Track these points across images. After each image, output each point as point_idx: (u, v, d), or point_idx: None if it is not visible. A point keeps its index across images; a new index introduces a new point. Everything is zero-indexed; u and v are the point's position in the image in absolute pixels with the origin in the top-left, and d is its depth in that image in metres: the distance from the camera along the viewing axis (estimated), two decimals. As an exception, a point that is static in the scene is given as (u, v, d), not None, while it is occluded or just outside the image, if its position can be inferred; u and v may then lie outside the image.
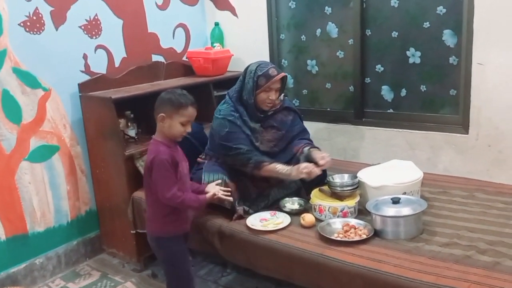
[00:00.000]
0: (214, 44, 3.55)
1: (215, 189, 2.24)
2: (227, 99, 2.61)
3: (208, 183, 2.41)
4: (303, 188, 2.55)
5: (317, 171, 2.33)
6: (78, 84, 2.87)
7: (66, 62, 2.84)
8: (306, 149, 2.56)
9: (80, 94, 2.89)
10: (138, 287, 2.72)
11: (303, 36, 3.40)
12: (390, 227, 2.05)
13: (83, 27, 2.91)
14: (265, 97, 2.50)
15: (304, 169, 2.33)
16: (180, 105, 2.06)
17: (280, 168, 2.40)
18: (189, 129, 2.10)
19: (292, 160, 2.56)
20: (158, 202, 2.07)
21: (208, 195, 2.19)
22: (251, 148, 2.47)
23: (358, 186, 2.34)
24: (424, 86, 2.96)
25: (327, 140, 3.29)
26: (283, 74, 2.51)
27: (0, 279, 2.63)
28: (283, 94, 2.69)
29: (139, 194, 2.79)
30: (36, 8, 2.67)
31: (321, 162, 2.40)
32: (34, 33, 2.68)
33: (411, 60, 2.97)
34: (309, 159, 2.47)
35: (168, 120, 2.06)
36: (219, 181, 2.36)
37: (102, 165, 2.92)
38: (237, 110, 2.53)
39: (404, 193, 2.23)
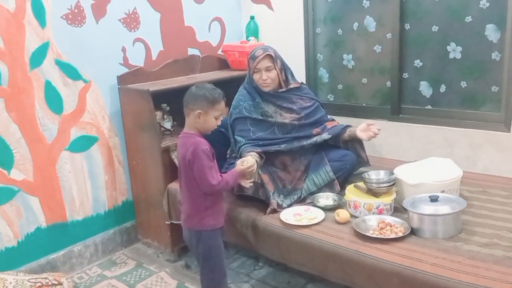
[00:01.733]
0: (249, 38, 3.55)
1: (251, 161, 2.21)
2: (241, 86, 2.74)
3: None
4: (336, 181, 2.54)
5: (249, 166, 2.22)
6: (117, 77, 2.93)
7: (106, 55, 2.90)
8: (350, 130, 2.62)
9: (119, 86, 2.95)
10: (172, 277, 2.76)
11: (340, 30, 3.36)
12: (428, 225, 2.01)
13: (122, 20, 2.96)
14: (257, 78, 2.60)
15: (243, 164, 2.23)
16: (215, 100, 2.10)
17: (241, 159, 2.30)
18: (219, 122, 2.16)
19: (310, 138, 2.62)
20: (199, 196, 2.09)
21: (238, 167, 2.16)
22: (246, 140, 2.55)
23: (394, 183, 2.31)
24: (464, 82, 2.89)
25: (362, 135, 3.24)
26: (266, 53, 2.57)
27: (40, 264, 2.72)
28: (301, 83, 2.74)
29: (174, 186, 2.83)
30: (78, 1, 2.73)
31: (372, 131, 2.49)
32: (76, 25, 2.75)
33: (451, 55, 2.89)
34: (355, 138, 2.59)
35: (204, 115, 2.09)
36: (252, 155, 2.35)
37: (139, 157, 2.97)
38: (250, 94, 2.65)
39: (443, 191, 2.18)
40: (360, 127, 2.58)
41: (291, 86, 2.67)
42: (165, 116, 3.06)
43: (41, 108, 2.65)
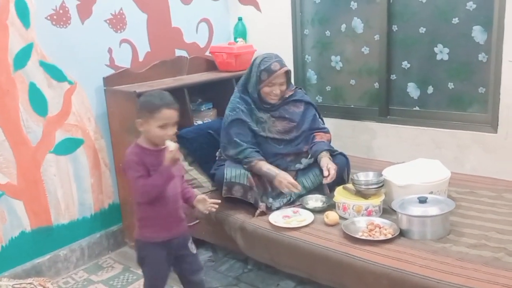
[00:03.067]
0: (237, 39, 3.53)
1: (205, 204, 2.11)
2: (235, 90, 2.67)
3: (231, 178, 2.41)
4: (326, 185, 2.52)
5: (295, 191, 2.35)
6: (103, 78, 2.89)
7: (92, 56, 2.86)
8: (319, 154, 2.52)
9: (105, 88, 2.91)
10: (160, 281, 2.72)
11: (328, 31, 3.36)
12: (417, 227, 2.01)
13: (108, 21, 2.92)
14: (268, 91, 2.53)
15: (286, 185, 2.32)
16: (154, 109, 1.90)
17: (266, 169, 2.40)
18: (171, 132, 1.94)
19: (301, 156, 2.60)
20: (135, 204, 2.02)
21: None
22: (248, 144, 2.49)
23: (383, 184, 2.31)
24: (452, 84, 2.90)
25: (350, 137, 3.25)
26: (285, 68, 2.51)
27: (25, 269, 2.67)
28: (295, 87, 2.69)
29: (162, 189, 2.80)
30: (63, 1, 2.69)
31: (325, 173, 2.39)
32: (61, 26, 2.70)
33: (438, 57, 2.91)
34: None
35: (144, 125, 1.93)
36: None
37: (126, 159, 2.93)
38: (245, 100, 2.57)
39: (431, 193, 2.18)
40: (323, 163, 2.46)
41: (287, 96, 2.63)
42: (152, 118, 3.02)
43: (25, 110, 2.60)
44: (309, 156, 2.58)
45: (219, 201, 2.16)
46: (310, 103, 2.73)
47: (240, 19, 3.61)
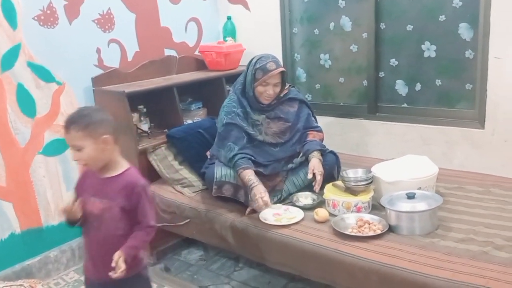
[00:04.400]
0: (227, 38, 3.54)
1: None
2: (231, 92, 2.65)
3: (221, 177, 2.41)
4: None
5: (263, 209, 2.28)
6: (92, 78, 2.88)
7: (80, 56, 2.85)
8: (310, 154, 2.52)
9: (94, 88, 2.89)
10: (151, 281, 2.71)
11: (316, 30, 3.37)
12: (405, 222, 2.03)
13: (96, 21, 2.91)
14: (262, 90, 2.50)
15: (257, 201, 2.26)
16: None
17: (247, 179, 2.35)
18: (75, 158, 1.73)
19: (294, 156, 2.60)
20: None
21: None
22: (241, 150, 2.45)
23: (372, 181, 2.32)
24: (439, 81, 2.93)
25: (340, 135, 3.26)
26: (280, 69, 2.49)
27: (15, 271, 2.65)
28: (289, 85, 2.69)
29: (152, 188, 2.79)
30: (50, 2, 2.68)
31: (309, 175, 2.40)
32: (48, 27, 2.69)
33: (426, 54, 2.93)
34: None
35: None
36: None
37: (115, 159, 2.92)
38: (241, 103, 2.55)
39: (419, 188, 2.20)
40: (310, 165, 2.47)
41: (281, 94, 2.61)
42: (141, 118, 3.02)
43: (13, 111, 2.58)
44: (301, 154, 2.59)
45: None
46: (304, 101, 2.73)
47: (229, 18, 3.61)
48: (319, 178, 2.39)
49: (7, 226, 2.62)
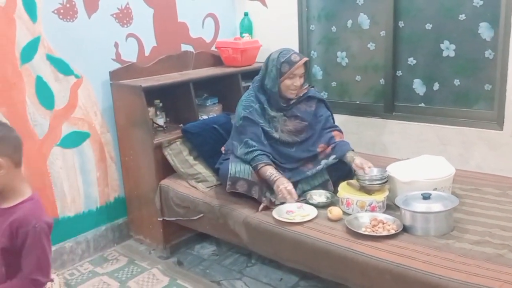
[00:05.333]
0: (243, 35, 3.54)
1: None
2: (250, 88, 2.66)
3: (236, 173, 2.42)
4: (330, 181, 2.53)
5: (291, 201, 2.31)
6: (109, 72, 2.91)
7: (98, 50, 2.87)
8: (346, 155, 2.49)
9: (111, 82, 2.92)
10: (164, 274, 2.75)
11: (334, 27, 3.35)
12: (420, 223, 2.01)
13: (114, 16, 2.94)
14: (289, 83, 2.50)
15: (282, 192, 2.29)
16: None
17: (269, 173, 2.38)
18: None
19: (315, 162, 2.57)
20: None
21: None
22: (259, 146, 2.46)
23: (387, 180, 2.31)
24: (457, 80, 2.89)
25: (355, 133, 3.25)
26: (305, 59, 2.51)
27: (31, 261, 2.69)
28: (308, 85, 2.68)
29: (167, 182, 2.82)
30: (70, -4, 2.71)
31: (363, 172, 2.35)
32: (67, 20, 2.72)
33: (445, 53, 2.90)
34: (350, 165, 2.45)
35: None
36: None
37: (131, 153, 2.96)
38: (259, 99, 2.56)
39: (435, 189, 2.18)
40: (357, 162, 2.42)
41: (301, 94, 2.61)
42: (157, 112, 3.04)
43: (32, 103, 2.62)
44: (333, 156, 2.52)
45: None
46: (323, 100, 2.72)
47: (246, 14, 3.61)
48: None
49: (24, 216, 2.66)
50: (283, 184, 2.31)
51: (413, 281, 1.78)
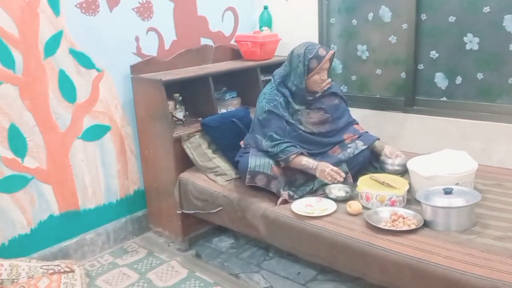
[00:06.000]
0: (263, 28, 3.53)
1: None
2: (271, 82, 2.63)
3: (255, 167, 2.42)
4: (349, 174, 2.51)
5: (339, 179, 2.33)
6: (130, 66, 2.93)
7: (119, 44, 2.90)
8: (377, 143, 2.60)
9: (132, 75, 2.95)
10: (183, 266, 2.77)
11: (354, 20, 3.32)
12: (441, 218, 1.98)
13: (135, 10, 2.96)
14: (317, 78, 2.50)
15: (329, 175, 2.32)
16: None
17: (305, 162, 2.40)
18: None
19: (343, 148, 2.57)
20: None
21: None
22: (284, 139, 2.46)
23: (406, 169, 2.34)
24: (481, 74, 2.84)
25: (375, 127, 3.19)
26: (332, 51, 2.52)
27: (52, 251, 2.75)
28: (330, 79, 2.67)
29: (186, 176, 2.84)
30: (92, -10, 2.74)
31: (392, 158, 2.48)
32: (89, 14, 2.75)
33: (468, 47, 2.84)
34: (379, 153, 2.57)
35: None
36: None
37: (151, 146, 2.98)
38: (282, 92, 2.54)
39: (457, 184, 2.15)
40: (386, 151, 2.55)
41: (325, 88, 2.61)
42: (177, 106, 3.06)
43: (55, 96, 2.66)
44: (362, 143, 2.58)
45: None
46: (343, 97, 2.74)
47: (265, 7, 3.60)
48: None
49: (46, 207, 2.71)
50: (328, 168, 2.34)
51: (433, 276, 1.76)
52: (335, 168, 2.35)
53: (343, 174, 2.36)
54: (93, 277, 2.72)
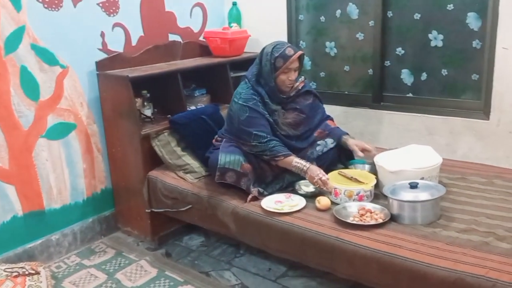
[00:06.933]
0: (232, 24, 3.51)
1: None
2: (246, 81, 2.56)
3: (225, 164, 2.40)
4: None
5: (330, 187, 2.27)
6: (96, 62, 2.87)
7: (84, 40, 2.83)
8: (344, 138, 2.57)
9: (97, 72, 2.88)
10: (152, 266, 2.74)
11: (322, 17, 3.34)
12: (407, 212, 2.02)
13: (101, 5, 2.89)
14: (284, 78, 2.47)
15: (317, 181, 2.29)
16: None
17: (295, 163, 2.37)
18: None
19: (313, 146, 2.58)
20: None
21: None
22: (271, 136, 2.43)
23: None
24: (445, 70, 2.90)
25: (344, 124, 3.22)
26: (300, 52, 2.47)
27: (17, 254, 2.67)
28: (303, 77, 2.66)
29: (155, 174, 2.81)
30: (54, -16, 2.66)
31: (359, 153, 2.45)
32: (52, 9, 2.67)
33: (433, 43, 2.90)
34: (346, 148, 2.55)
35: None
36: None
37: (118, 144, 2.93)
38: (258, 92, 2.50)
39: (422, 178, 2.19)
40: (351, 143, 2.53)
41: (299, 87, 2.60)
42: (145, 103, 3.01)
43: (17, 94, 2.58)
44: (331, 140, 2.59)
45: None
46: (317, 95, 2.73)
47: (234, 4, 3.58)
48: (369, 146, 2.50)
49: (9, 208, 2.63)
50: (317, 176, 2.29)
51: (400, 269, 1.79)
52: (323, 178, 2.28)
53: (331, 185, 2.28)
54: (59, 279, 2.65)
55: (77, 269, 2.75)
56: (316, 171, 2.32)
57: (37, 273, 2.54)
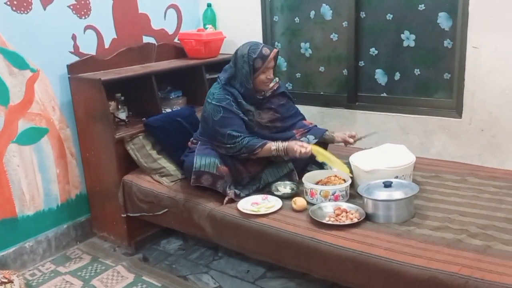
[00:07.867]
0: (207, 26, 3.49)
1: None
2: (218, 81, 2.55)
3: (201, 167, 2.38)
4: (295, 171, 2.53)
5: (303, 151, 2.31)
6: (67, 65, 2.82)
7: (55, 43, 2.78)
8: (327, 134, 2.61)
9: (69, 75, 2.83)
10: (129, 271, 2.70)
11: (297, 18, 3.35)
12: (382, 211, 2.04)
13: (71, 7, 2.84)
14: (263, 77, 2.46)
15: (299, 146, 2.31)
16: None
17: (274, 148, 2.37)
18: None
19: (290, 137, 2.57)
20: None
21: None
22: (245, 134, 2.42)
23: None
24: (418, 70, 2.94)
25: (320, 124, 3.20)
26: (276, 50, 2.49)
27: (-11, 262, 2.61)
28: (277, 79, 2.66)
29: (130, 178, 2.77)
30: (23, -14, 2.61)
31: (350, 140, 2.54)
32: (21, 12, 2.62)
33: (405, 43, 2.94)
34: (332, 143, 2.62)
35: None
36: None
37: (92, 148, 2.88)
38: (231, 92, 2.48)
39: (396, 177, 2.21)
40: (338, 136, 2.59)
41: (275, 87, 2.59)
42: (119, 106, 2.97)
43: (-15, 99, 2.52)
44: (312, 137, 2.57)
45: None
46: (290, 96, 2.73)
47: (209, 5, 3.57)
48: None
49: (-20, 216, 2.57)
50: (296, 144, 2.34)
51: (375, 268, 1.80)
52: (304, 145, 2.33)
53: (308, 146, 2.34)
54: (34, 287, 2.60)
55: (52, 276, 2.70)
56: (295, 144, 2.35)
57: (10, 281, 2.48)
